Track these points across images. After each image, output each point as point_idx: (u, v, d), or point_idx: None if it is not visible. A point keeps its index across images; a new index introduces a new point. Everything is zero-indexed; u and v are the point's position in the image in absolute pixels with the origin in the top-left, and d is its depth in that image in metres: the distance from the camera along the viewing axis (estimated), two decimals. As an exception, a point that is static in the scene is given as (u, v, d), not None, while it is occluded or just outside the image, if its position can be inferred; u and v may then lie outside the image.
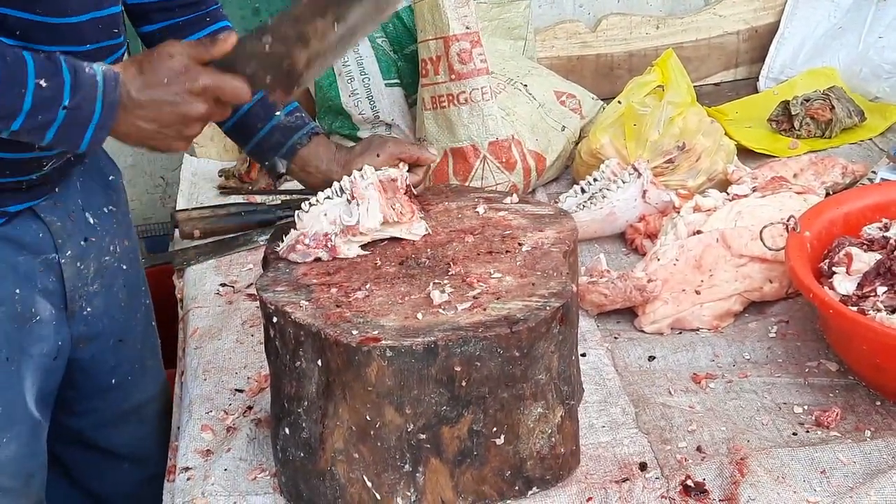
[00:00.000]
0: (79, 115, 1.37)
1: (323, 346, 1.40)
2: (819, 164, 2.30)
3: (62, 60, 1.37)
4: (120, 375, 1.93)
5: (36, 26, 1.47)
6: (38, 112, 1.35)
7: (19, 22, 1.46)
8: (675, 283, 1.91)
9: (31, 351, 1.70)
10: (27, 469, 1.77)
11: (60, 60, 1.37)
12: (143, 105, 1.39)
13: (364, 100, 2.59)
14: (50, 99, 1.35)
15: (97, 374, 1.89)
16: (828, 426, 1.63)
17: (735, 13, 3.04)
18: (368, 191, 1.59)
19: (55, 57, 1.38)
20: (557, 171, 2.53)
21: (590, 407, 1.70)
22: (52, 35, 1.49)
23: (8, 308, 1.65)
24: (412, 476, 1.43)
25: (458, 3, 2.33)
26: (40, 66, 1.35)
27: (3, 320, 1.65)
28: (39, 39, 1.47)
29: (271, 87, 1.45)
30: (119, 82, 1.39)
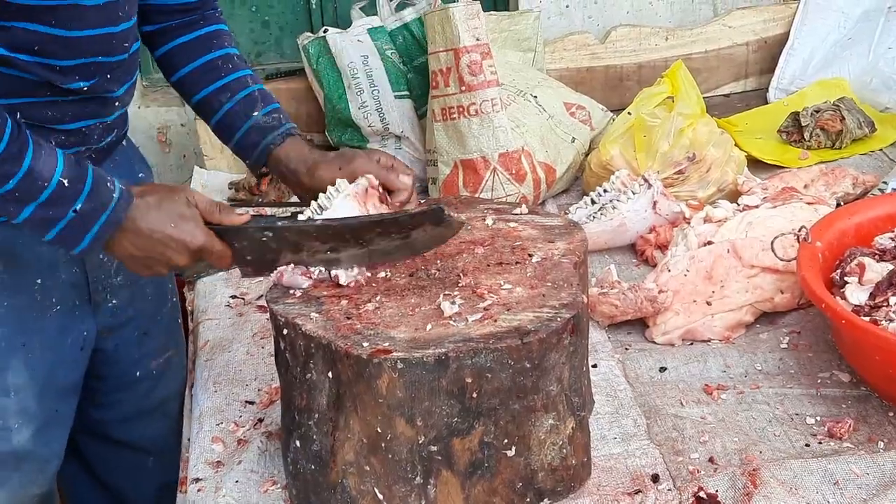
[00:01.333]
0: (84, 222, 1.46)
1: (333, 358, 1.40)
2: (829, 174, 2.30)
3: (89, 169, 1.47)
4: (144, 369, 1.99)
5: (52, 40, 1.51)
6: (51, 207, 1.44)
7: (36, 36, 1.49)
8: (686, 294, 1.90)
9: (52, 340, 1.75)
10: (42, 457, 1.82)
11: (88, 168, 1.47)
12: (141, 236, 1.49)
13: (374, 112, 2.59)
14: (65, 198, 1.44)
15: (122, 366, 1.95)
16: (840, 437, 1.62)
17: (744, 24, 3.04)
18: (346, 202, 1.60)
19: (84, 163, 1.48)
20: (567, 182, 2.53)
21: (601, 418, 1.70)
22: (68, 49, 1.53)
23: (28, 297, 1.69)
24: (423, 488, 1.43)
25: (468, 15, 2.33)
26: (69, 167, 1.45)
27: (22, 308, 1.70)
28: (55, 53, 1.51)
29: (248, 266, 1.56)
30: (130, 207, 1.48)
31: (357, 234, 1.51)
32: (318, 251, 1.52)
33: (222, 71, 1.79)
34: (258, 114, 1.78)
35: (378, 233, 1.51)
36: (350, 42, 2.61)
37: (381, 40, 2.62)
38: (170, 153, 3.11)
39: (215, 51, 1.81)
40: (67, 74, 1.56)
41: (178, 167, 3.12)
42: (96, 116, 1.65)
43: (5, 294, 1.68)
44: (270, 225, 1.51)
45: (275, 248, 1.52)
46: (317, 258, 1.52)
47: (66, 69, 1.55)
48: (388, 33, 2.65)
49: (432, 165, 2.44)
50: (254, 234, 1.51)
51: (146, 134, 3.03)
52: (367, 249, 1.53)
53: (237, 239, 1.52)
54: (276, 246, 1.51)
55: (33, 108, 1.55)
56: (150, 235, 1.48)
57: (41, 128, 1.56)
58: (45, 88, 1.54)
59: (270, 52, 3.08)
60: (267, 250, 1.52)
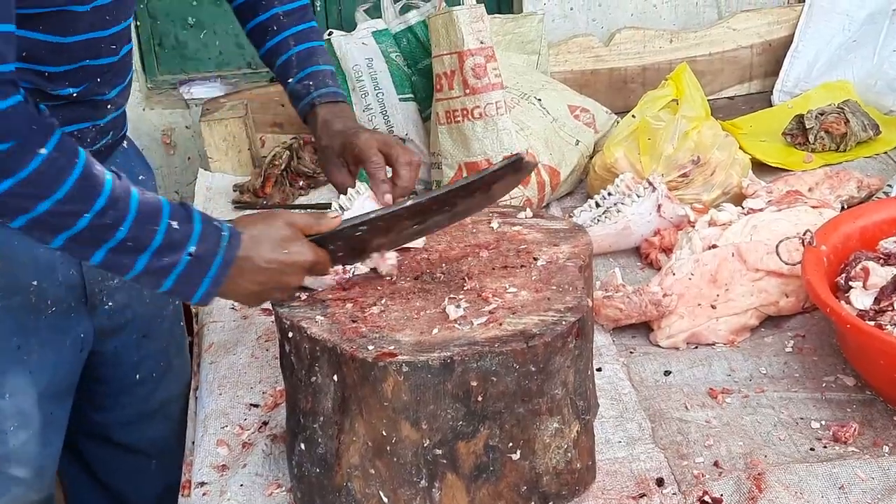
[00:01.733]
0: (200, 265, 1.42)
1: (339, 361, 1.40)
2: (834, 177, 2.30)
3: (194, 209, 1.44)
4: (144, 371, 1.98)
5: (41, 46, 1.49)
6: (165, 253, 1.39)
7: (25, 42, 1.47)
8: (691, 298, 1.90)
9: (48, 341, 1.74)
10: (38, 461, 1.81)
11: (192, 209, 1.44)
12: (259, 271, 1.46)
13: (378, 115, 2.59)
14: (178, 242, 1.40)
15: (122, 369, 1.94)
16: (845, 441, 1.62)
17: (749, 27, 3.04)
18: (367, 204, 1.64)
19: (188, 205, 1.45)
20: (572, 185, 2.53)
21: (606, 422, 1.70)
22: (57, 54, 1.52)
23: (23, 298, 1.68)
24: (428, 491, 1.43)
25: (472, 18, 2.33)
26: (175, 210, 1.41)
27: (17, 309, 1.68)
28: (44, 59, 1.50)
29: (339, 261, 1.55)
30: (241, 243, 1.45)
31: (444, 203, 1.53)
32: (406, 227, 1.54)
33: (268, 34, 1.87)
34: (292, 81, 1.86)
35: (463, 196, 1.53)
36: (354, 45, 2.61)
37: (386, 43, 2.63)
38: (174, 155, 3.11)
39: (261, 14, 1.87)
40: (56, 80, 1.55)
41: (182, 169, 3.12)
42: (88, 119, 1.65)
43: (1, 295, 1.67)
44: (364, 219, 1.51)
45: (367, 238, 1.52)
46: (404, 234, 1.55)
47: (54, 75, 1.54)
48: (392, 36, 2.65)
49: (436, 168, 2.44)
50: (348, 233, 1.51)
51: (150, 136, 3.03)
52: (450, 213, 1.55)
53: (331, 241, 1.51)
54: (369, 235, 1.52)
55: None
56: (268, 267, 1.46)
57: None
58: (35, 95, 1.51)
59: (275, 54, 3.08)
60: (359, 241, 1.52)
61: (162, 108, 3.06)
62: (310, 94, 1.85)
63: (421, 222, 1.54)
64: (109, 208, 1.34)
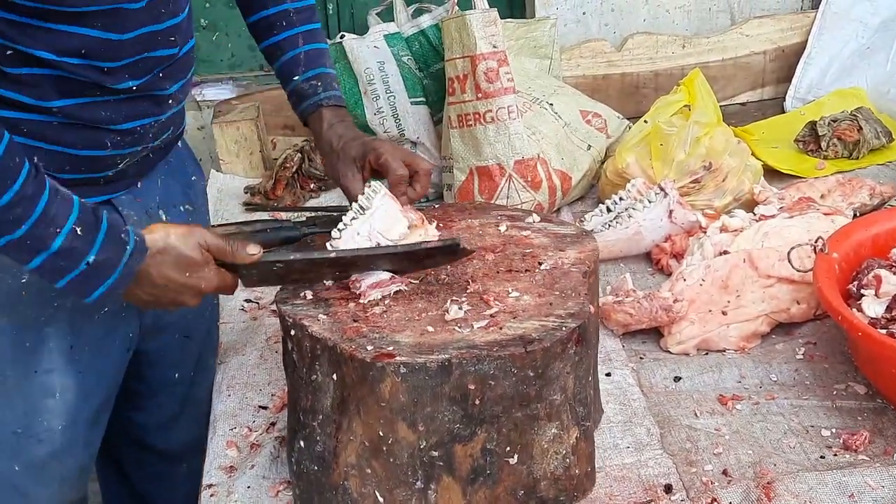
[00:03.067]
0: (97, 273, 1.43)
1: (338, 360, 1.40)
2: (846, 185, 2.29)
3: (104, 216, 1.44)
4: (183, 371, 2.00)
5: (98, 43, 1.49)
6: (62, 258, 1.40)
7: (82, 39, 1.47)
8: (702, 304, 1.90)
9: (100, 341, 1.75)
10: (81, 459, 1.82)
11: (102, 216, 1.44)
12: (155, 286, 1.49)
13: (389, 118, 2.59)
14: (78, 249, 1.40)
15: (163, 368, 1.96)
16: (856, 450, 1.61)
17: (762, 33, 3.04)
18: (385, 201, 1.64)
19: (99, 212, 1.44)
20: (583, 190, 2.52)
21: (614, 427, 1.69)
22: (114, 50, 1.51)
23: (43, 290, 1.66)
24: (424, 493, 1.43)
25: (485, 22, 2.33)
26: (83, 214, 1.41)
27: (71, 310, 1.69)
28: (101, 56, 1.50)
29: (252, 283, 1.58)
30: (145, 257, 1.46)
31: (367, 264, 1.53)
32: (326, 275, 1.56)
33: (275, 28, 1.85)
34: (298, 78, 1.85)
35: (388, 262, 1.54)
36: (367, 48, 2.61)
37: (398, 46, 2.63)
38: (186, 157, 3.11)
39: (270, 7, 1.85)
40: (115, 74, 1.54)
41: (193, 171, 3.13)
42: (150, 115, 1.63)
43: (55, 296, 1.67)
44: (283, 258, 1.52)
45: (283, 275, 1.54)
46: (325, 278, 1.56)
47: (113, 70, 1.53)
48: (404, 39, 2.65)
49: (448, 172, 2.44)
50: (265, 267, 1.53)
51: (162, 137, 3.03)
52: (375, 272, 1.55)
53: (245, 268, 1.53)
54: (284, 273, 1.54)
55: (86, 109, 1.54)
56: (165, 285, 1.49)
57: (97, 129, 1.55)
58: (96, 88, 1.53)
59: (287, 56, 3.08)
60: (274, 276, 1.55)
61: (174, 109, 3.06)
62: (317, 94, 1.85)
63: (342, 275, 1.55)
64: (15, 205, 1.35)
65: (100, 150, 1.57)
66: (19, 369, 1.69)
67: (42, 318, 1.67)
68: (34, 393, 1.71)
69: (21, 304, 1.64)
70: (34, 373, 1.70)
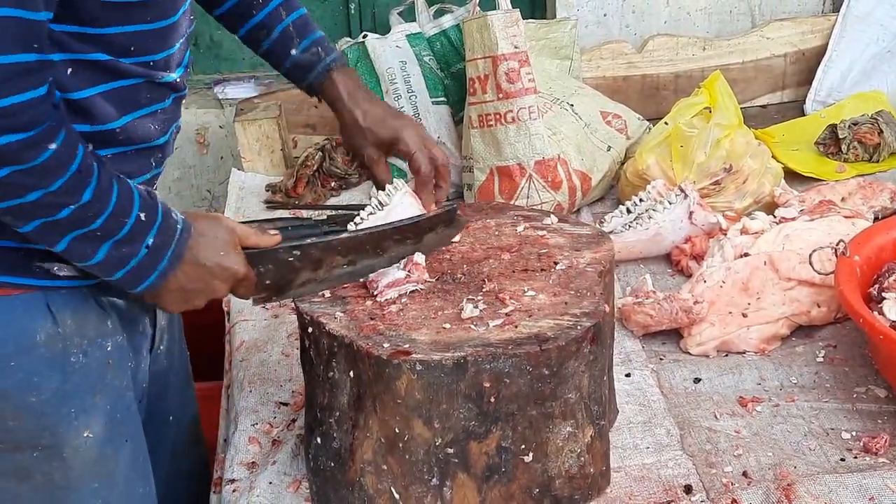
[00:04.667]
0: (154, 256, 1.40)
1: (355, 357, 1.41)
2: (867, 188, 2.29)
3: (158, 200, 1.42)
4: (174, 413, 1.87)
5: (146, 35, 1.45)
6: (126, 243, 1.37)
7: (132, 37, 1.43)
8: (722, 306, 1.90)
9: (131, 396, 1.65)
10: None
11: (157, 200, 1.42)
12: (197, 267, 1.44)
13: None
14: (140, 233, 1.38)
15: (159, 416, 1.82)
16: (876, 452, 1.61)
17: (782, 36, 3.03)
18: (405, 199, 1.64)
19: (154, 195, 1.42)
20: (603, 190, 2.53)
21: (634, 427, 1.70)
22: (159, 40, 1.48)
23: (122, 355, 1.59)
24: (439, 490, 1.44)
25: (506, 23, 2.34)
26: (144, 200, 1.39)
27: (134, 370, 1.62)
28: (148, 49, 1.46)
29: (265, 290, 1.52)
30: (190, 236, 1.43)
31: (377, 243, 1.53)
32: (337, 265, 1.53)
33: (253, 7, 1.74)
34: (296, 52, 1.75)
35: (395, 240, 1.54)
36: (389, 48, 2.62)
37: (420, 46, 2.64)
38: (207, 154, 3.13)
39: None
40: (159, 67, 1.49)
41: (215, 168, 3.15)
42: (175, 120, 1.59)
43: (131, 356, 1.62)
44: (299, 244, 1.51)
45: (297, 267, 1.51)
46: (334, 274, 1.53)
47: (158, 63, 1.48)
48: (426, 39, 2.66)
49: (468, 171, 2.45)
50: (280, 255, 1.50)
51: (184, 135, 3.05)
52: (382, 258, 1.54)
53: (262, 263, 1.50)
54: (299, 265, 1.51)
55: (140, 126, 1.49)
56: (205, 265, 1.44)
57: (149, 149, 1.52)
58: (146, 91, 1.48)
59: (308, 55, 3.09)
60: (288, 270, 1.51)
61: (196, 107, 3.09)
62: (322, 60, 1.76)
63: (353, 262, 1.53)
64: (95, 201, 1.33)
65: (147, 174, 1.53)
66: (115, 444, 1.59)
67: (124, 384, 1.60)
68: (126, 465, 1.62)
69: (108, 376, 1.56)
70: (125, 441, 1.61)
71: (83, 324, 1.50)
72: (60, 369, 1.49)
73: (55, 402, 1.49)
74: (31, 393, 1.47)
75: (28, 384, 1.47)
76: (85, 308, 1.51)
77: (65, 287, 1.47)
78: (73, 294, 1.49)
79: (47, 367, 1.48)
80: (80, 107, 1.40)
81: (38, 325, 1.46)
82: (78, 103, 1.40)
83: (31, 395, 1.47)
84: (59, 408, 1.50)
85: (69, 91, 1.38)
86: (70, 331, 1.49)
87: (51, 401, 1.49)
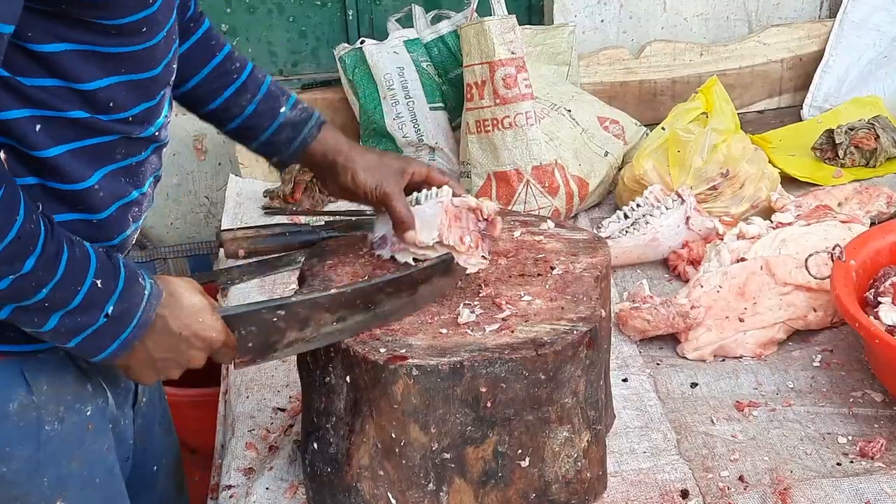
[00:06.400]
0: (115, 325, 1.29)
1: (351, 362, 1.41)
2: (864, 193, 2.29)
3: (121, 265, 1.30)
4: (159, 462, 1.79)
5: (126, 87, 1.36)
6: (81, 312, 1.26)
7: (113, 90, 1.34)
8: (719, 310, 1.90)
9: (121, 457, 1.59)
10: None
11: (119, 263, 1.30)
12: (171, 336, 1.33)
13: (408, 123, 2.61)
14: (97, 301, 1.27)
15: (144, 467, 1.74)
16: (872, 457, 1.61)
17: (779, 41, 3.04)
18: (434, 208, 1.58)
19: (115, 259, 1.30)
20: (600, 196, 2.53)
21: (631, 432, 1.70)
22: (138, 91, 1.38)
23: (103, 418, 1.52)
24: (436, 495, 1.44)
25: (503, 29, 2.35)
26: (102, 265, 1.27)
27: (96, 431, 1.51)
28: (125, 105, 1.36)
29: (247, 354, 1.41)
30: (159, 301, 1.32)
31: (368, 298, 1.45)
32: (325, 323, 1.43)
33: (234, 73, 1.63)
34: (285, 109, 1.64)
35: (388, 293, 1.47)
36: (386, 53, 2.63)
37: (417, 52, 2.64)
38: (205, 161, 3.13)
39: (218, 53, 1.63)
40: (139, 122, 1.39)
41: (213, 174, 3.15)
42: (154, 171, 1.48)
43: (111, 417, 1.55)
44: (283, 302, 1.40)
45: (282, 328, 1.41)
46: (322, 332, 1.44)
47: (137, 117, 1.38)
48: (423, 45, 2.67)
49: (466, 177, 2.45)
50: (263, 316, 1.40)
51: (182, 142, 3.06)
52: (374, 313, 1.46)
53: (243, 325, 1.39)
54: (284, 325, 1.41)
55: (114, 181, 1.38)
56: (179, 334, 1.33)
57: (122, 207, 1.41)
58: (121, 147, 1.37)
59: (307, 62, 3.10)
60: (272, 331, 1.41)
61: (194, 113, 3.08)
62: (312, 115, 1.66)
63: (342, 318, 1.43)
64: (38, 270, 1.21)
65: (125, 231, 1.43)
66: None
67: (104, 447, 1.51)
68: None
69: (87, 441, 1.48)
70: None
71: (59, 389, 1.42)
72: (34, 438, 1.41)
73: (27, 472, 1.41)
74: (3, 463, 1.40)
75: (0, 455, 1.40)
76: (62, 372, 1.43)
77: (41, 351, 1.38)
78: (49, 358, 1.40)
79: (20, 436, 1.40)
80: (48, 165, 1.29)
81: (12, 395, 1.39)
82: (45, 161, 1.29)
83: (3, 466, 1.40)
84: (32, 477, 1.42)
85: (35, 149, 1.27)
86: (45, 398, 1.41)
87: (22, 470, 1.41)
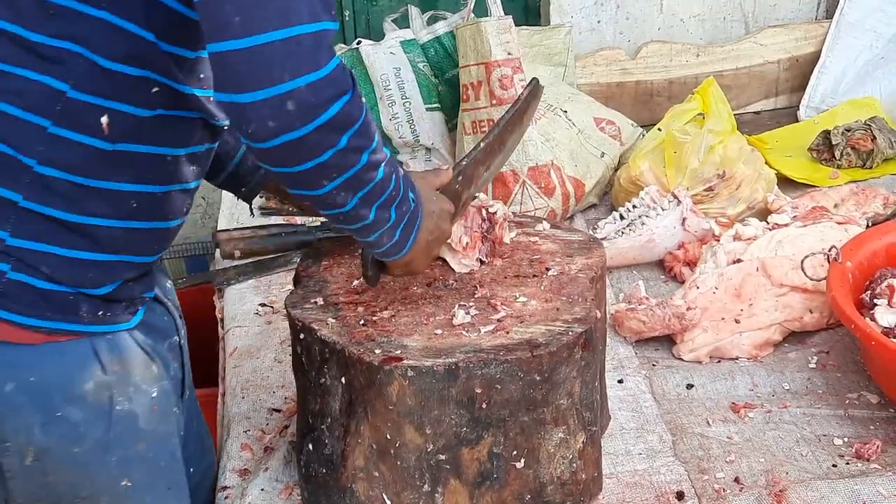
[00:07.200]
0: (416, 210, 1.38)
1: (347, 363, 1.41)
2: (860, 194, 2.29)
3: None
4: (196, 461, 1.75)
5: None
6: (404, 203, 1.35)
7: None
8: (715, 312, 1.90)
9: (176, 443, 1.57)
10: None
11: None
12: (428, 216, 1.41)
13: (405, 123, 2.61)
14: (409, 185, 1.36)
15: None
16: (868, 458, 1.61)
17: (776, 42, 3.04)
18: None
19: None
20: (596, 197, 2.53)
21: (627, 434, 1.70)
22: None
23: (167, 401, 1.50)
24: (431, 496, 1.44)
25: (500, 30, 2.34)
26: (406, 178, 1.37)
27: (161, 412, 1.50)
28: None
29: None
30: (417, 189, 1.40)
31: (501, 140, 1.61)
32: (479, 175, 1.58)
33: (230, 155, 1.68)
34: None
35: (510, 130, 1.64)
36: (383, 54, 2.62)
37: (414, 53, 2.64)
38: (201, 161, 3.12)
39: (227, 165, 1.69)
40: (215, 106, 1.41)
41: (208, 175, 3.14)
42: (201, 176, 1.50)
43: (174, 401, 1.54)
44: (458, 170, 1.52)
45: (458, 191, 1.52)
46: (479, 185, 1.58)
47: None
48: (420, 46, 2.66)
49: (462, 178, 2.45)
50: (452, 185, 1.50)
51: (178, 141, 3.04)
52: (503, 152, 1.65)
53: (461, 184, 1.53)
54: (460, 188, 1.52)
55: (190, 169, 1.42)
56: (434, 210, 1.43)
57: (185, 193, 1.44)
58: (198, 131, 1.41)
59: (302, 62, 3.09)
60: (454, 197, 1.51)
61: (190, 113, 3.07)
62: None
63: (488, 167, 1.60)
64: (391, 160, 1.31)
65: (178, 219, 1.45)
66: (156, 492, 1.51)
67: (169, 430, 1.51)
68: None
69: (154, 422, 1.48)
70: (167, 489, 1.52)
71: (128, 370, 1.42)
72: (106, 418, 1.40)
73: (98, 452, 1.41)
74: (76, 444, 1.39)
75: (73, 436, 1.39)
76: (131, 353, 1.43)
77: (110, 332, 1.39)
78: (117, 339, 1.41)
79: (94, 416, 1.40)
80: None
81: (87, 374, 1.38)
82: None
83: (76, 447, 1.39)
84: (102, 457, 1.42)
85: None
86: (117, 377, 1.40)
87: (94, 450, 1.41)
